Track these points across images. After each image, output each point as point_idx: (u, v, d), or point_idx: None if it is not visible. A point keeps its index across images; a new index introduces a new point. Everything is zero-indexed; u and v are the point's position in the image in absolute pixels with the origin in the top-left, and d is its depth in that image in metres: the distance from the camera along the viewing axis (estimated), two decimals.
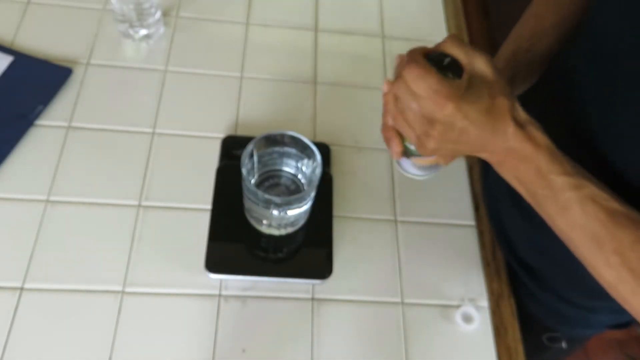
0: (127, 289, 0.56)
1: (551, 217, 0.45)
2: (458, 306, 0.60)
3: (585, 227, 0.43)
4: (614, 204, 0.42)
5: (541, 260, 0.62)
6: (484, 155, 0.47)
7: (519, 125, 0.44)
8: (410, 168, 0.54)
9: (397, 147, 0.50)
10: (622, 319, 0.64)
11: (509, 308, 0.62)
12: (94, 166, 0.63)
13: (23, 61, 0.68)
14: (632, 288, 0.42)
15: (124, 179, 0.63)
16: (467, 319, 0.59)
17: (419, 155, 0.50)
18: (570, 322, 0.66)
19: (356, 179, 0.67)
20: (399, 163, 0.55)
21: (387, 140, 0.51)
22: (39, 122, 0.65)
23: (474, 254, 0.64)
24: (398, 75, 0.46)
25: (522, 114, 0.45)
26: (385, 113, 0.50)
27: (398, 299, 0.60)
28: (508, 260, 0.65)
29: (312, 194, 0.56)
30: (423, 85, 0.43)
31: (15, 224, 0.58)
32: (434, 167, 0.54)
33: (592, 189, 0.43)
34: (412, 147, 0.49)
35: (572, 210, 0.43)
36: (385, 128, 0.50)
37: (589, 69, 0.51)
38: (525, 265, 0.64)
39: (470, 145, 0.45)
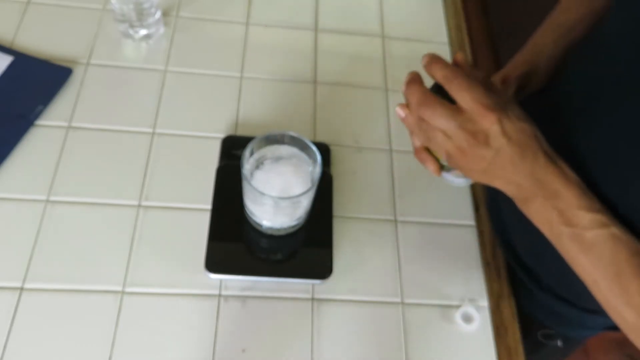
0: (127, 289, 0.56)
1: (574, 255, 0.44)
2: (458, 306, 0.60)
3: (610, 266, 0.42)
4: (638, 245, 0.42)
5: (540, 264, 0.62)
6: (509, 188, 0.46)
7: (549, 157, 0.44)
8: (453, 179, 0.54)
9: (432, 166, 0.50)
10: None
11: (509, 308, 0.62)
12: (94, 166, 0.63)
13: (23, 61, 0.68)
14: None
15: (124, 179, 0.63)
16: (467, 319, 0.59)
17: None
18: (568, 323, 0.66)
19: (356, 179, 0.67)
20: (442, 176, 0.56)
21: (422, 162, 0.51)
22: (39, 122, 0.65)
23: (474, 254, 0.64)
24: (413, 93, 0.46)
25: (546, 145, 0.44)
26: (412, 135, 0.51)
27: (398, 299, 0.60)
28: (508, 260, 0.65)
29: (312, 194, 0.56)
30: (468, 97, 0.43)
31: (15, 224, 0.58)
32: None
33: (618, 228, 0.42)
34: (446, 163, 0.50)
35: (598, 248, 0.42)
36: (416, 151, 0.51)
37: (581, 77, 0.51)
38: (524, 265, 0.64)
39: (499, 170, 0.45)
